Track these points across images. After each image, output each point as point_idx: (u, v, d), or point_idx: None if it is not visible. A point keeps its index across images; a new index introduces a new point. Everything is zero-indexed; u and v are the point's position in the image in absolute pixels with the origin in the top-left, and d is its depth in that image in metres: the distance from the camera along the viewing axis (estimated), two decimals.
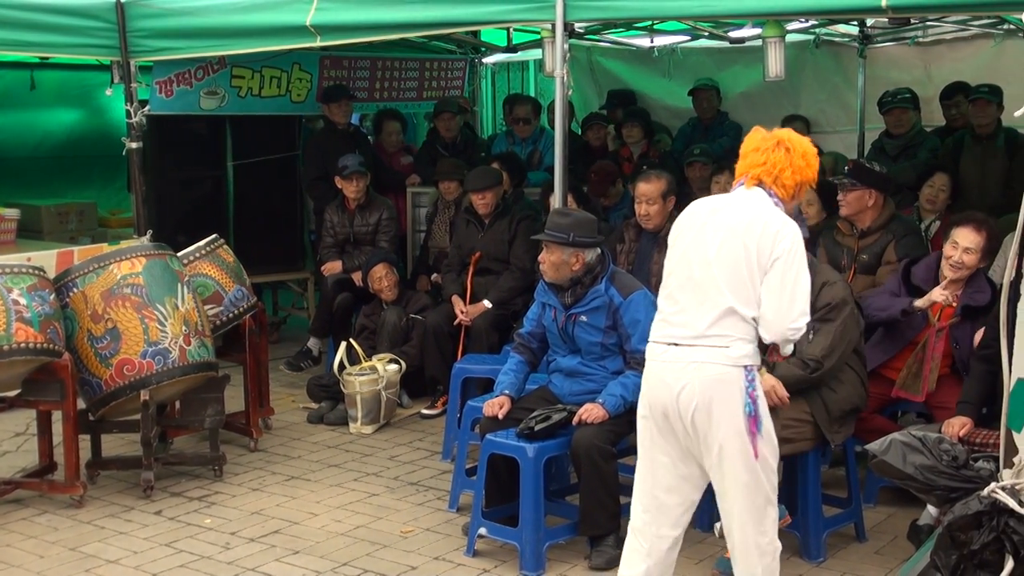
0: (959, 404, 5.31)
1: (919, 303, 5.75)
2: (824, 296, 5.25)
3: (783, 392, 5.09)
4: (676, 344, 4.17)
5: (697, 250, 4.19)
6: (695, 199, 4.42)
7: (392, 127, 9.83)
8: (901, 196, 7.43)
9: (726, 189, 7.33)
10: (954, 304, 5.75)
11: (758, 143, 4.29)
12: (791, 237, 4.09)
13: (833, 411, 5.25)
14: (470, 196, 7.79)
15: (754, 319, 4.10)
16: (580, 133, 10.15)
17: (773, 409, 5.10)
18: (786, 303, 4.07)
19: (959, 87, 8.45)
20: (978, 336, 5.53)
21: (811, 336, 5.19)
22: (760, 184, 4.23)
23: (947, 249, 5.77)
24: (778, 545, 4.27)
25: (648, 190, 6.66)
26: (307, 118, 10.03)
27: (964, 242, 5.71)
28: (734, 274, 4.09)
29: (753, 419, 4.07)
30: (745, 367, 4.09)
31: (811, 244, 6.01)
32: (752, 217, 4.13)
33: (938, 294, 5.71)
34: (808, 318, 4.13)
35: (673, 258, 4.29)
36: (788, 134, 4.30)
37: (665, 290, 4.29)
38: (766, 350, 5.18)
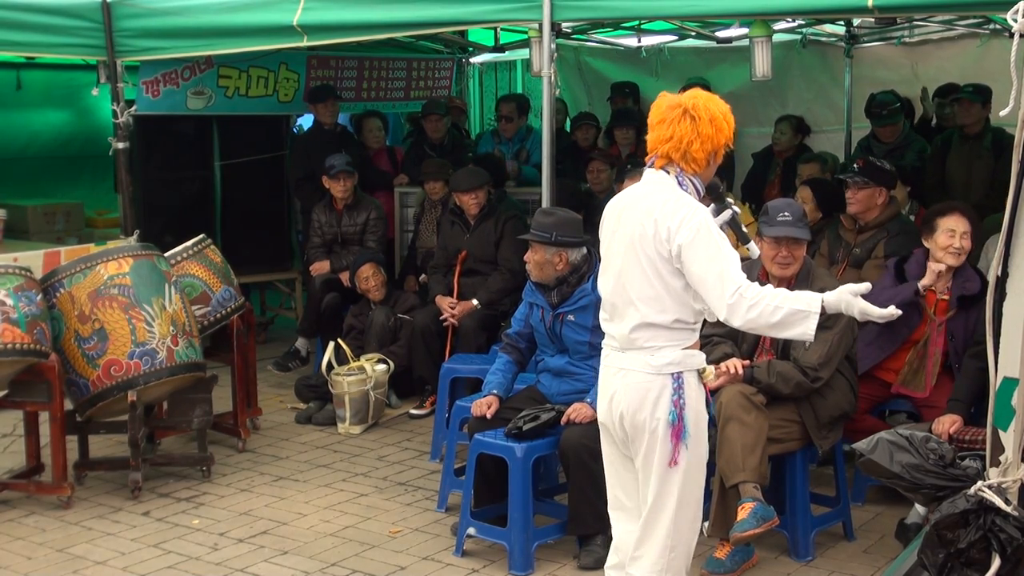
0: (950, 402, 5.33)
1: (924, 281, 5.75)
2: None
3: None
4: (612, 348, 4.12)
5: (611, 262, 4.10)
6: None
7: (373, 124, 9.82)
8: None
9: None
10: (947, 297, 5.78)
11: (664, 113, 4.01)
12: (691, 223, 3.86)
13: (822, 417, 5.26)
14: (458, 197, 7.76)
15: (678, 321, 3.96)
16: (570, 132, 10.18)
17: (767, 405, 5.13)
18: (715, 290, 3.84)
19: (952, 87, 8.46)
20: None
21: (807, 344, 5.19)
22: (669, 162, 4.01)
23: (943, 239, 5.74)
24: None
25: None
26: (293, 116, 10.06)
27: (961, 228, 5.72)
28: (645, 288, 3.96)
29: (676, 428, 3.95)
30: (672, 375, 3.97)
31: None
32: (649, 220, 3.94)
33: (934, 267, 5.73)
34: (739, 284, 3.82)
35: (602, 261, 4.21)
36: (694, 99, 3.99)
37: (602, 291, 4.22)
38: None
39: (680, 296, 3.95)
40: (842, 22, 9.20)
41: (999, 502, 3.28)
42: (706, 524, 5.19)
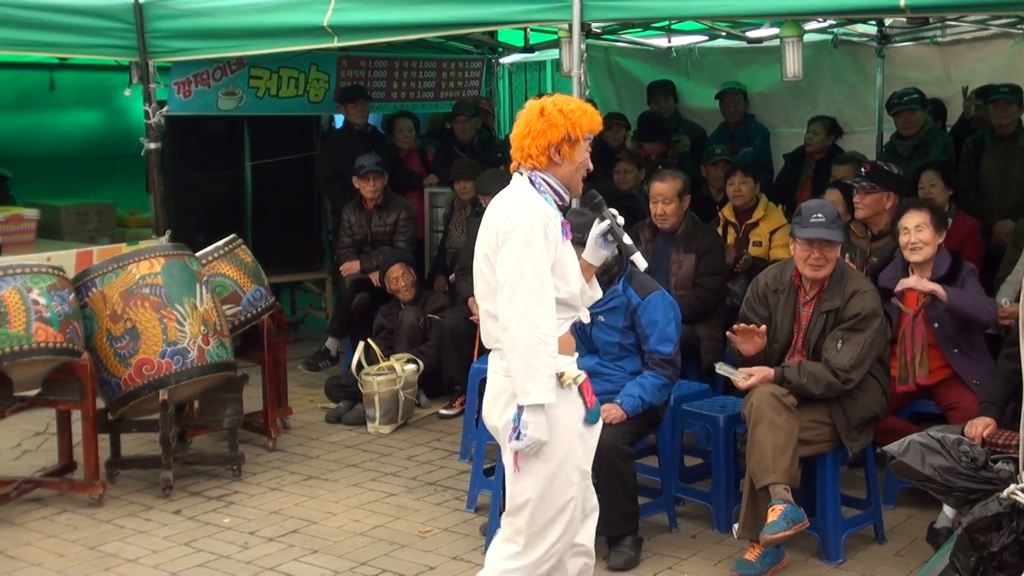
0: (982, 404, 5.27)
1: (899, 287, 5.74)
2: (854, 306, 5.22)
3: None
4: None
5: (475, 264, 4.11)
6: (712, 199, 4.34)
7: (404, 124, 9.85)
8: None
9: (740, 191, 7.46)
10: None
11: (518, 116, 4.02)
12: (514, 217, 3.83)
13: (853, 419, 5.22)
14: (485, 201, 7.73)
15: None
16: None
17: (798, 406, 5.10)
18: (502, 304, 3.81)
19: (989, 87, 8.38)
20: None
21: (839, 345, 5.17)
22: (519, 162, 4.00)
23: (902, 238, 5.77)
24: None
25: (664, 189, 6.65)
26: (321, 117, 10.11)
27: (912, 223, 5.72)
28: (482, 284, 3.97)
29: (514, 430, 3.86)
30: None
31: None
32: (490, 221, 3.95)
33: (913, 281, 5.70)
34: (534, 311, 3.76)
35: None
36: (543, 99, 3.96)
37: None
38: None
39: None
40: (874, 22, 9.14)
41: None
42: (736, 525, 5.18)
